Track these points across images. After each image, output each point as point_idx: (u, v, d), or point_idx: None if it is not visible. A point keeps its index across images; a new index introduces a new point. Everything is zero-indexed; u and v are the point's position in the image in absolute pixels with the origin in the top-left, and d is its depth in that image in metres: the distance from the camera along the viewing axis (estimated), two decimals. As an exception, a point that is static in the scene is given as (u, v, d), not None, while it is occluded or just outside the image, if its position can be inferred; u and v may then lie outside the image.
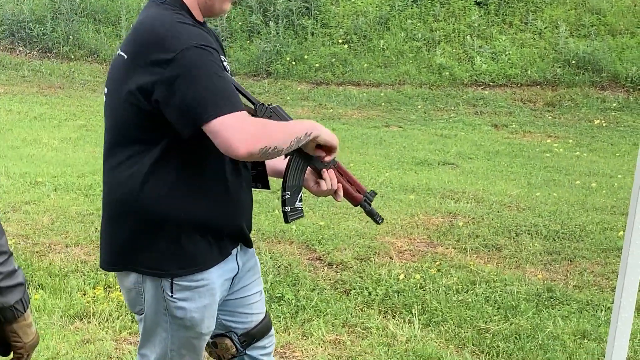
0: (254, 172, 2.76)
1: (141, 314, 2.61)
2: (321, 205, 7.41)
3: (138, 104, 2.41)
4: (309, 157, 2.70)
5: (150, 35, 2.41)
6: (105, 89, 2.58)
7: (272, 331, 2.91)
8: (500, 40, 14.84)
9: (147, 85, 2.37)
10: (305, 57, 15.37)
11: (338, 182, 2.81)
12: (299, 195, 2.73)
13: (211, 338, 2.76)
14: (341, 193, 2.82)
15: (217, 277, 2.58)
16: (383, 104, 13.72)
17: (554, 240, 6.47)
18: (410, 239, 6.46)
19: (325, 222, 6.76)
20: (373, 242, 6.27)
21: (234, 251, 2.66)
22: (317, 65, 15.21)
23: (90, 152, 9.68)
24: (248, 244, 2.71)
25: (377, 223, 2.96)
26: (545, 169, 9.46)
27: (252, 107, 2.60)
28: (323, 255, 5.99)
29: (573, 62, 13.99)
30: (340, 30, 15.76)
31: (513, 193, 8.02)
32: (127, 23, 16.03)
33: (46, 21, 16.12)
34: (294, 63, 15.36)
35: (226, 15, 13.00)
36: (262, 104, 2.60)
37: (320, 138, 2.60)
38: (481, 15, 15.45)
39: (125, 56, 2.46)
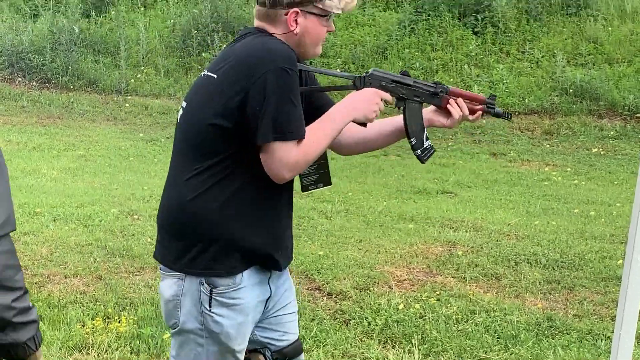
0: (316, 175, 2.99)
1: (175, 328, 2.76)
2: (320, 234, 7.41)
3: (220, 124, 2.60)
4: (420, 100, 2.86)
5: (244, 58, 2.62)
6: (184, 103, 2.78)
7: (302, 357, 3.02)
8: (498, 69, 14.90)
9: (233, 102, 2.58)
10: (304, 86, 15.44)
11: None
12: (425, 134, 2.87)
13: (245, 354, 2.85)
14: (477, 114, 2.93)
15: (251, 298, 2.73)
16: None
17: (554, 269, 6.47)
18: (410, 269, 6.46)
19: (324, 252, 6.76)
20: (372, 272, 6.26)
21: (267, 274, 2.80)
22: (315, 94, 15.25)
23: (89, 182, 9.69)
24: (280, 268, 2.83)
25: (508, 119, 3.07)
26: (544, 198, 9.47)
27: (351, 82, 2.84)
28: (322, 285, 5.98)
29: (570, 90, 14.05)
30: (339, 59, 15.83)
31: (512, 222, 8.03)
32: (126, 53, 16.11)
33: (45, 52, 16.19)
34: (292, 92, 15.40)
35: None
36: (359, 76, 2.83)
37: (357, 118, 2.76)
38: (478, 45, 15.53)
39: (215, 76, 2.66)
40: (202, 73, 2.77)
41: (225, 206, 2.64)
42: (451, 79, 14.86)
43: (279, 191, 2.74)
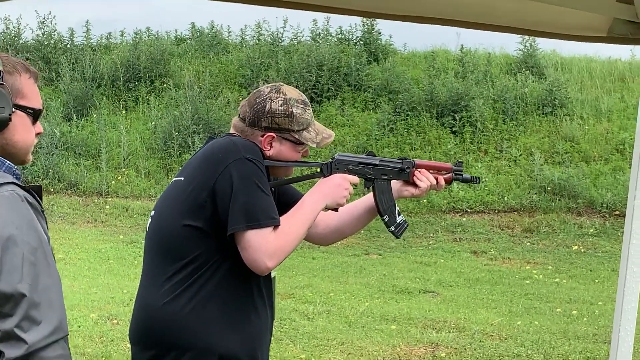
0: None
1: None
2: (302, 337, 7.33)
3: (192, 224, 2.60)
4: (388, 177, 2.90)
5: (209, 155, 2.66)
6: (153, 212, 2.79)
7: None
8: (476, 167, 15.05)
9: (201, 199, 2.59)
10: (284, 186, 15.50)
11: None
12: (396, 210, 2.91)
13: None
14: (441, 183, 2.99)
15: None
16: (362, 231, 13.77)
17: (538, 370, 6.41)
18: (393, 372, 6.38)
19: (306, 355, 6.68)
20: (355, 376, 6.18)
21: None
22: (296, 194, 15.32)
23: (69, 286, 9.58)
24: None
25: (477, 183, 3.09)
26: (526, 296, 9.45)
27: (318, 170, 2.87)
28: (305, 390, 5.89)
29: (549, 188, 14.18)
30: (319, 159, 15.95)
31: (495, 321, 7.99)
32: (107, 155, 16.17)
33: (26, 154, 16.20)
34: (273, 193, 15.45)
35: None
36: (325, 163, 2.85)
37: (329, 205, 2.78)
38: (456, 144, 15.72)
39: (183, 178, 2.69)
40: (172, 180, 2.79)
41: (200, 310, 2.59)
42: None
43: (258, 290, 2.70)
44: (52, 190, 15.94)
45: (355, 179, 2.84)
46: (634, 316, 2.40)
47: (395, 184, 2.95)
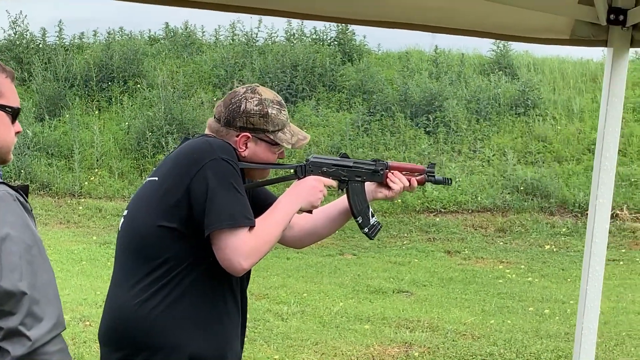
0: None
1: None
2: (276, 337, 7.33)
3: (166, 225, 2.59)
4: (362, 179, 2.92)
5: (184, 156, 2.65)
6: (125, 211, 2.77)
7: None
8: (450, 167, 15.12)
9: (176, 199, 2.58)
10: (259, 187, 15.50)
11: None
12: (370, 212, 2.92)
13: None
14: (414, 185, 3.01)
15: None
16: (337, 231, 13.76)
17: (510, 369, 6.46)
18: (366, 371, 6.40)
19: (280, 356, 6.69)
20: (328, 376, 6.20)
21: None
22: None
23: (41, 287, 9.52)
24: None
25: (449, 184, 3.14)
26: (499, 296, 9.50)
27: (292, 172, 2.87)
28: (278, 390, 5.90)
29: (521, 188, 14.28)
30: (293, 159, 15.96)
31: (468, 321, 8.03)
32: (80, 156, 16.08)
33: (-2, 155, 16.08)
34: (247, 193, 15.44)
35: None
36: (299, 165, 2.85)
37: (303, 207, 2.77)
38: (431, 144, 15.79)
39: (157, 179, 2.67)
40: (145, 181, 2.79)
41: (172, 311, 2.59)
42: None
43: (229, 291, 2.70)
44: (24, 191, 15.82)
45: (329, 181, 2.86)
46: (596, 315, 2.43)
47: (369, 186, 2.97)
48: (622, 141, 14.94)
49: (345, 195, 2.95)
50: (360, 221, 2.92)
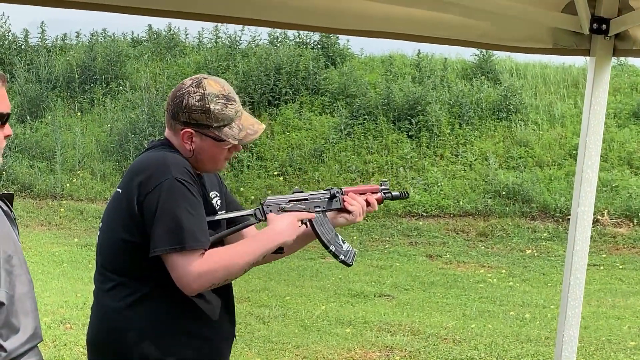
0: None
1: None
2: (257, 341, 7.33)
3: (128, 238, 2.60)
4: (322, 209, 2.92)
5: (141, 171, 2.62)
6: (101, 224, 2.78)
7: None
8: (432, 172, 15.17)
9: (135, 211, 2.57)
10: (242, 189, 15.49)
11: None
12: (340, 239, 2.93)
13: None
14: (373, 202, 3.01)
15: None
16: (319, 235, 13.75)
17: (491, 373, 6.49)
18: (348, 375, 6.41)
19: (261, 359, 6.68)
20: (310, 379, 6.20)
21: None
22: (252, 197, 15.31)
23: (21, 289, 9.48)
24: None
25: (407, 197, 3.18)
26: (480, 300, 9.54)
27: (252, 216, 2.84)
28: (259, 394, 5.90)
29: (503, 193, 14.33)
30: (276, 162, 15.97)
31: (449, 325, 8.06)
32: (62, 158, 16.02)
33: (-21, 156, 16.00)
34: (229, 196, 15.41)
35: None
36: (257, 208, 2.83)
37: (287, 242, 2.75)
38: (413, 148, 15.82)
39: (120, 191, 2.67)
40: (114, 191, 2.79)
41: (154, 321, 2.60)
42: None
43: (212, 298, 2.69)
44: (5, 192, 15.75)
45: (306, 214, 2.85)
46: (577, 322, 2.45)
47: (329, 215, 2.95)
48: (604, 147, 15.02)
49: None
50: (333, 250, 2.91)
